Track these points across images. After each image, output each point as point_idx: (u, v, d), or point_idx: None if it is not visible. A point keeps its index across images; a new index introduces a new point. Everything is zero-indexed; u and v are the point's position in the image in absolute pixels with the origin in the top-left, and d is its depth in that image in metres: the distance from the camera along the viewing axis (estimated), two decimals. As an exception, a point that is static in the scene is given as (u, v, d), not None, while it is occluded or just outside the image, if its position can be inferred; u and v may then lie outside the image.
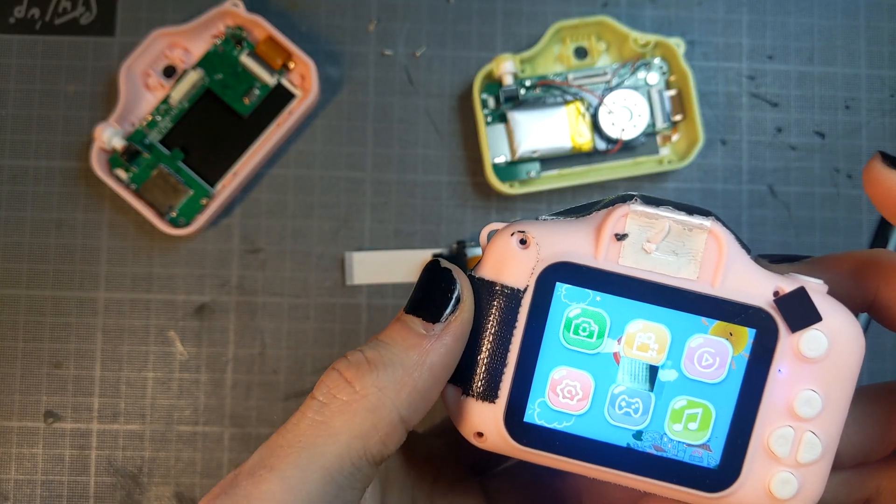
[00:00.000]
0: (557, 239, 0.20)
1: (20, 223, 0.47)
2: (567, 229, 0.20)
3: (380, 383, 0.19)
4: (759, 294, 0.20)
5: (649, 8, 0.49)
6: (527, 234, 0.20)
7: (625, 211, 0.19)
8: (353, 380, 0.19)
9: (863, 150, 0.49)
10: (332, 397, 0.19)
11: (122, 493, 0.46)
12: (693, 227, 0.19)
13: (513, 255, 0.20)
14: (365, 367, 0.19)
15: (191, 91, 0.47)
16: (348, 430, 0.19)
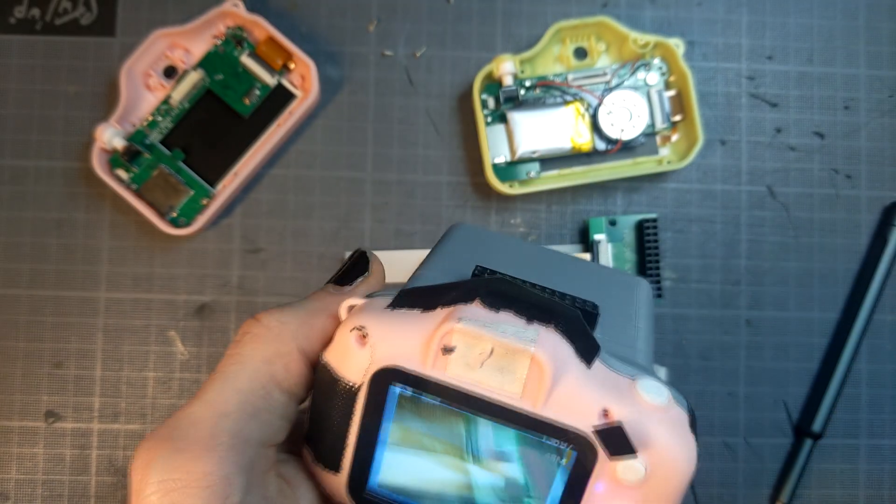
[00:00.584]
0: (393, 340, 0.20)
1: (21, 223, 0.48)
2: (404, 330, 0.21)
3: (284, 318, 0.22)
4: (585, 414, 0.19)
5: (649, 8, 0.49)
6: (365, 331, 0.21)
7: (450, 327, 0.19)
8: (261, 318, 0.23)
9: (862, 150, 0.49)
10: (244, 333, 0.22)
11: (123, 492, 0.46)
12: (516, 350, 0.19)
13: (350, 351, 0.21)
14: (274, 310, 0.23)
15: (191, 91, 0.47)
16: (255, 356, 0.22)
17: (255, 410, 0.21)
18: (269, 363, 0.22)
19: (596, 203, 0.48)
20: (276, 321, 0.22)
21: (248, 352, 0.22)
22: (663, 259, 0.48)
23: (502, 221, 0.48)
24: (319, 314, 0.23)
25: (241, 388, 0.21)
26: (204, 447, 0.20)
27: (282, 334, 0.22)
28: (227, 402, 0.21)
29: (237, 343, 0.22)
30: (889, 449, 0.48)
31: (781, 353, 0.48)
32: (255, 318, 0.23)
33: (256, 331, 0.22)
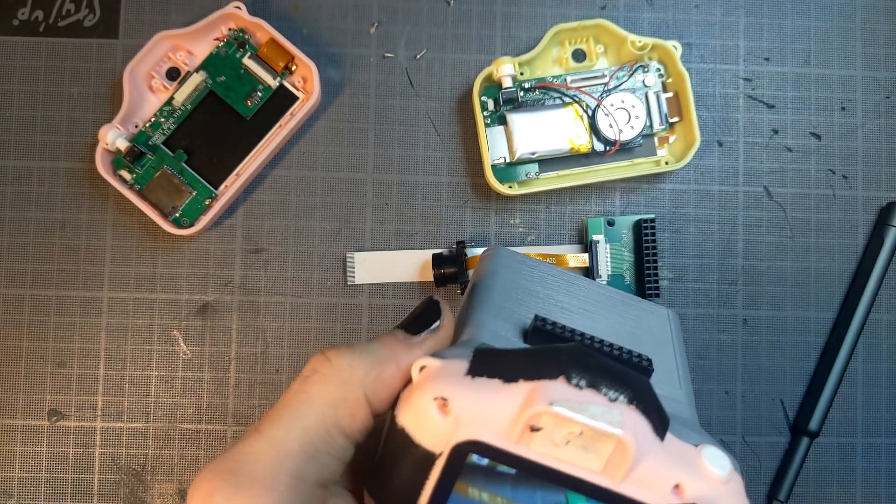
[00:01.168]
0: (477, 414, 0.20)
1: (25, 223, 0.48)
2: (488, 404, 0.20)
3: (353, 363, 0.22)
4: (660, 489, 0.20)
5: (647, 11, 0.50)
6: (447, 402, 0.21)
7: (541, 410, 0.20)
8: (331, 357, 0.23)
9: (859, 151, 0.50)
10: (313, 371, 0.22)
11: (126, 490, 0.47)
12: (604, 434, 0.20)
13: (431, 420, 0.21)
14: (345, 350, 0.23)
15: (194, 93, 0.47)
16: (323, 398, 0.22)
17: (316, 452, 0.21)
18: (334, 407, 0.22)
19: (594, 203, 0.49)
20: (347, 364, 0.22)
21: (316, 392, 0.22)
22: (661, 259, 0.48)
23: (501, 222, 0.49)
24: (388, 363, 0.23)
25: (306, 428, 0.21)
26: (265, 486, 0.20)
27: (350, 379, 0.22)
28: (290, 442, 0.21)
29: (305, 380, 0.22)
30: (885, 447, 0.48)
31: (778, 353, 0.48)
32: (325, 355, 0.23)
33: (325, 371, 0.22)
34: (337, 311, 0.48)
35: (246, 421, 0.47)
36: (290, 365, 0.47)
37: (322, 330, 0.48)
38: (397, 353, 0.23)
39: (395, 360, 0.23)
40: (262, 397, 0.47)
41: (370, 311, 0.48)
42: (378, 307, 0.48)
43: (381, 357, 0.23)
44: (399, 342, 0.24)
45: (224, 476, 0.20)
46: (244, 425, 0.47)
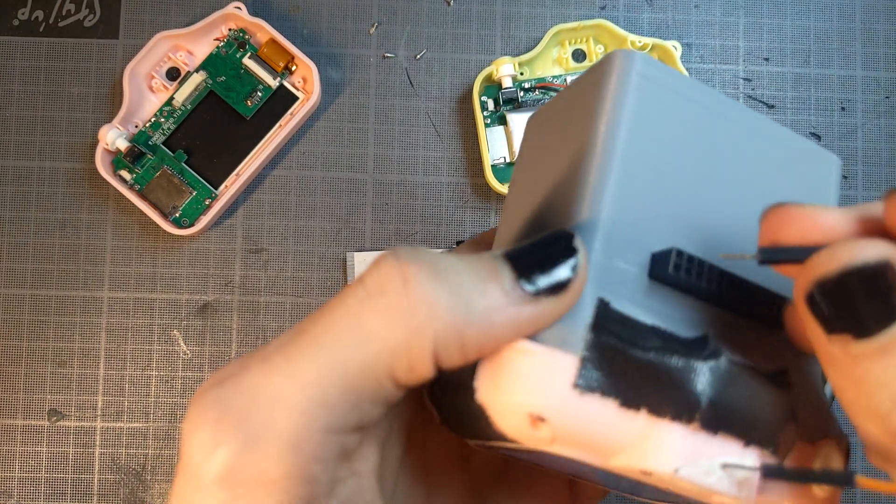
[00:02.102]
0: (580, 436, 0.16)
1: (25, 223, 0.48)
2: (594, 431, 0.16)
3: (435, 302, 0.16)
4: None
5: (647, 11, 0.50)
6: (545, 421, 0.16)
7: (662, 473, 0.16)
8: (410, 279, 0.16)
9: (858, 151, 0.50)
10: (379, 289, 0.16)
11: (126, 490, 0.47)
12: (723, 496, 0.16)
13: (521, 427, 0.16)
14: (429, 273, 0.16)
15: (194, 93, 0.47)
16: (381, 339, 0.16)
17: (359, 401, 0.16)
18: (394, 355, 0.16)
19: (594, 204, 0.49)
20: (426, 303, 0.16)
21: (376, 329, 0.16)
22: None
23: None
24: (478, 321, 0.16)
25: (351, 374, 0.16)
26: (289, 445, 0.15)
27: (425, 324, 0.16)
28: (328, 389, 0.16)
29: (364, 300, 0.16)
30: (885, 447, 0.48)
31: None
32: (402, 273, 0.16)
33: (397, 301, 0.16)
34: (337, 311, 0.48)
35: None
36: (290, 365, 0.47)
37: (322, 330, 0.48)
38: (495, 307, 0.16)
39: (488, 318, 0.16)
40: (262, 397, 0.47)
41: (370, 311, 0.48)
42: (378, 307, 0.48)
43: (472, 308, 0.16)
44: (502, 291, 0.16)
45: (234, 420, 0.15)
46: (244, 425, 0.47)
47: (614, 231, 0.17)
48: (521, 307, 0.16)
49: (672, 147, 0.18)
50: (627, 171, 0.17)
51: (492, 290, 0.16)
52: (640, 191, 0.17)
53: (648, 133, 0.18)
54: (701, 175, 0.18)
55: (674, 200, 0.18)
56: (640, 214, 0.17)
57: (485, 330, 0.16)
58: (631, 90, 0.17)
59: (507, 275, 0.16)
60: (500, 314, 0.16)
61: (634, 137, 0.17)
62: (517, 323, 0.16)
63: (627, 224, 0.17)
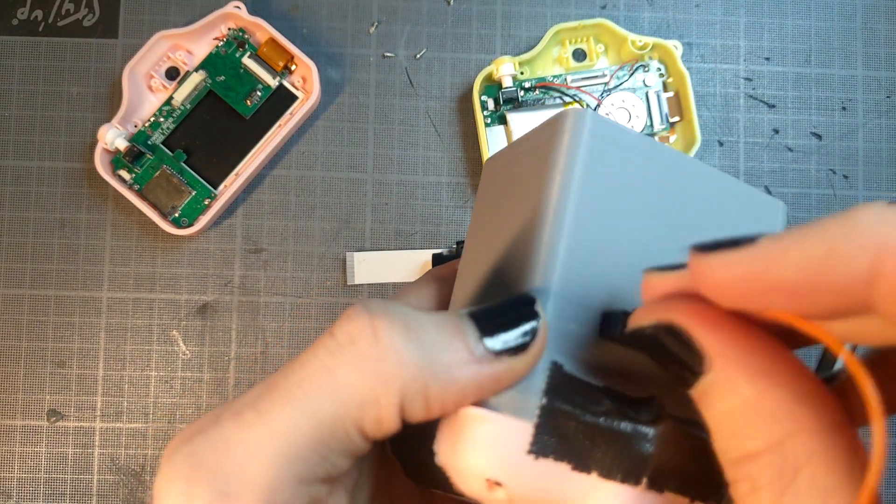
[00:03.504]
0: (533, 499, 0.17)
1: (24, 223, 0.48)
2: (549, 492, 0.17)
3: (402, 355, 0.16)
4: None
5: (647, 10, 0.50)
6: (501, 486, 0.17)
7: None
8: (380, 332, 0.16)
9: (859, 151, 0.50)
10: (350, 341, 0.16)
11: (125, 490, 0.46)
12: None
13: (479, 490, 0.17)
14: (398, 328, 0.17)
15: (193, 93, 0.47)
16: (351, 391, 0.16)
17: (329, 453, 0.16)
18: (363, 408, 0.16)
19: (595, 203, 0.49)
20: (395, 353, 0.16)
21: (346, 379, 0.16)
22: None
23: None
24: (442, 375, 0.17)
25: (321, 425, 0.16)
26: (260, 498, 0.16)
27: (393, 376, 0.16)
28: (298, 440, 0.16)
29: (335, 352, 0.16)
30: (886, 448, 0.48)
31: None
32: (372, 324, 0.16)
33: (367, 350, 0.16)
34: (337, 311, 0.48)
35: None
36: (289, 365, 0.47)
37: (322, 330, 0.47)
38: (458, 363, 0.17)
39: (451, 374, 0.17)
40: (261, 397, 0.47)
41: (370, 312, 0.48)
42: (378, 307, 0.48)
43: (437, 362, 0.16)
44: (466, 348, 0.17)
45: (206, 474, 0.16)
46: (244, 426, 0.47)
47: (566, 294, 0.18)
48: (483, 365, 0.17)
49: (621, 203, 0.19)
50: (578, 233, 0.18)
51: (456, 347, 0.17)
52: (591, 251, 0.18)
53: (599, 192, 0.18)
54: (650, 229, 0.19)
55: (624, 255, 0.18)
56: (592, 274, 0.18)
57: (448, 385, 0.17)
58: (582, 149, 0.18)
59: (471, 333, 0.17)
60: (462, 371, 0.17)
61: (585, 199, 0.18)
62: (479, 380, 0.17)
63: (578, 286, 0.18)
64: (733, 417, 0.14)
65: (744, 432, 0.14)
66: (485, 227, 0.21)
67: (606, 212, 0.18)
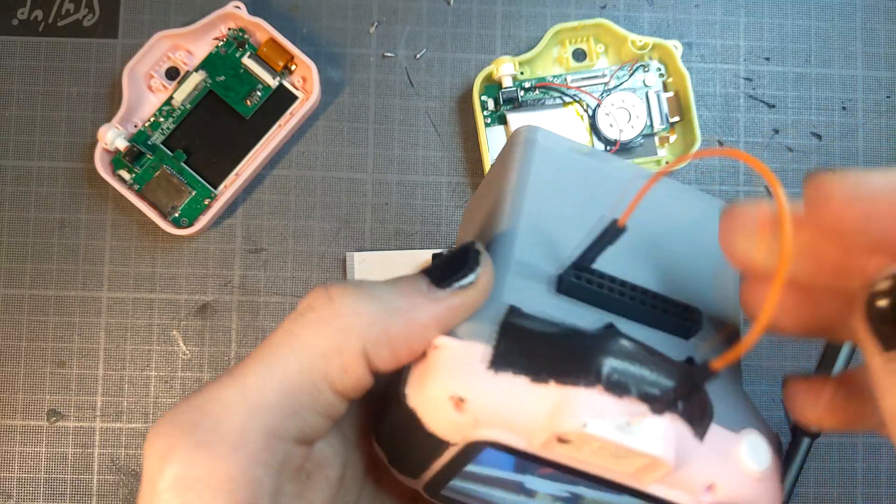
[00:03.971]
0: (497, 414, 0.18)
1: (24, 223, 0.48)
2: (511, 407, 0.18)
3: (358, 308, 0.18)
4: (692, 489, 0.19)
5: (647, 10, 0.50)
6: (465, 402, 0.18)
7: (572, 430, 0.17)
8: (334, 295, 0.19)
9: (859, 151, 0.50)
10: (309, 309, 0.19)
11: (125, 490, 0.46)
12: (640, 454, 0.17)
13: (446, 414, 0.18)
14: (351, 289, 0.19)
15: (193, 93, 0.47)
16: (313, 345, 0.18)
17: (299, 407, 0.18)
18: (325, 358, 0.18)
19: (595, 203, 0.49)
20: (350, 308, 0.18)
21: (307, 337, 0.18)
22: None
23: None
24: (399, 317, 0.19)
25: (289, 379, 0.18)
26: (232, 445, 0.17)
27: (351, 327, 0.18)
28: (267, 394, 0.18)
29: (297, 319, 0.19)
30: (886, 447, 0.48)
31: (778, 353, 0.48)
32: (327, 292, 0.19)
33: (323, 312, 0.18)
34: (337, 312, 0.48)
35: (245, 421, 0.47)
36: (289, 365, 0.47)
37: (322, 330, 0.48)
38: (414, 305, 0.19)
39: (409, 314, 0.19)
40: (261, 397, 0.47)
41: (370, 312, 0.48)
42: (378, 307, 0.48)
43: (394, 308, 0.19)
44: (420, 293, 0.19)
45: (184, 429, 0.17)
46: (244, 426, 0.47)
47: (526, 247, 0.21)
48: (438, 302, 0.19)
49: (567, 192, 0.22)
50: (535, 202, 0.22)
51: (410, 293, 0.19)
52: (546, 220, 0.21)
53: (548, 182, 0.22)
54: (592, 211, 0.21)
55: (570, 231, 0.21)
56: (547, 241, 0.21)
57: (408, 324, 0.19)
58: (536, 152, 0.22)
59: (423, 281, 0.19)
60: (419, 309, 0.19)
61: (537, 183, 0.22)
62: (436, 314, 0.19)
63: (536, 245, 0.21)
64: None
65: None
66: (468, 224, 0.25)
67: (555, 196, 0.22)
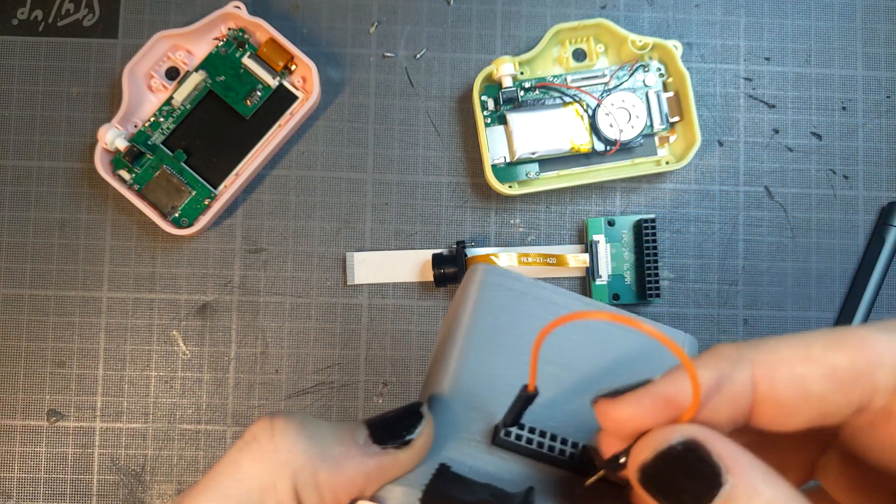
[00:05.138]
0: None
1: (24, 223, 0.48)
2: None
3: (295, 448, 0.20)
4: None
5: (647, 10, 0.50)
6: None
7: None
8: (276, 430, 0.20)
9: (859, 151, 0.50)
10: (253, 439, 0.20)
11: (125, 490, 0.46)
12: None
13: None
14: (293, 426, 0.20)
15: (193, 93, 0.47)
16: (251, 478, 0.20)
17: None
18: (262, 493, 0.19)
19: (594, 203, 0.49)
20: (287, 446, 0.20)
21: (247, 469, 0.20)
22: (661, 259, 0.48)
23: (501, 222, 0.48)
24: (329, 464, 0.20)
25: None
26: None
27: (284, 465, 0.19)
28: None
29: (242, 448, 0.20)
30: None
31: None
32: (271, 424, 0.20)
33: (263, 444, 0.20)
34: (336, 311, 0.48)
35: (245, 421, 0.47)
36: (289, 365, 0.47)
37: (321, 330, 0.48)
38: (348, 455, 0.20)
39: (340, 463, 0.20)
40: (261, 397, 0.47)
41: (370, 311, 0.48)
42: (378, 307, 0.48)
43: (327, 454, 0.20)
44: (355, 444, 0.20)
45: None
46: (243, 425, 0.47)
47: (464, 403, 0.22)
48: (370, 457, 0.20)
49: (511, 329, 0.23)
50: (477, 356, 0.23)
51: (346, 441, 0.20)
52: (489, 369, 0.23)
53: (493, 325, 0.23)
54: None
55: (515, 373, 0.22)
56: (488, 389, 0.22)
57: (336, 472, 0.19)
58: (485, 294, 0.24)
59: (362, 433, 0.20)
60: (350, 461, 0.20)
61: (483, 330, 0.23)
62: (365, 469, 0.20)
63: (476, 397, 0.22)
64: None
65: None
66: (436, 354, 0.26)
67: (499, 336, 0.23)
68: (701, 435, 0.17)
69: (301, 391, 0.47)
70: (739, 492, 0.16)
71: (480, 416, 0.22)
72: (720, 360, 0.18)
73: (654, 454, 0.17)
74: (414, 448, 0.20)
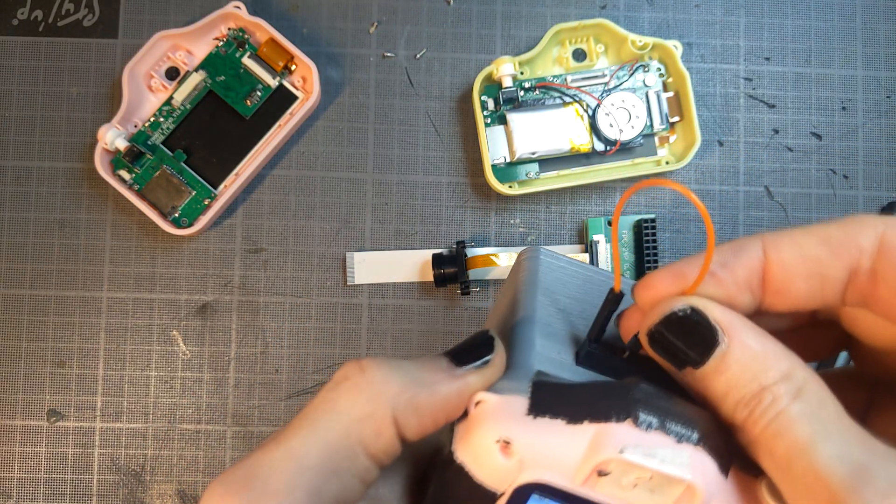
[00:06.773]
0: (542, 456, 0.20)
1: (24, 224, 0.48)
2: (553, 446, 0.20)
3: (388, 378, 0.21)
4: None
5: (647, 10, 0.50)
6: (511, 444, 0.20)
7: (610, 457, 0.19)
8: (366, 367, 0.21)
9: (859, 151, 0.50)
10: (344, 378, 0.21)
11: (125, 490, 0.46)
12: (673, 479, 0.19)
13: (494, 460, 0.20)
14: (381, 361, 0.21)
15: (193, 93, 0.47)
16: (349, 411, 0.20)
17: (337, 469, 0.20)
18: (360, 423, 0.20)
19: (594, 203, 0.49)
20: (380, 378, 0.21)
21: (343, 403, 0.20)
22: (661, 259, 0.48)
23: (502, 222, 0.48)
24: (424, 388, 0.21)
25: (329, 442, 0.20)
26: (278, 501, 0.19)
27: (381, 394, 0.21)
28: (310, 455, 0.20)
29: (334, 388, 0.21)
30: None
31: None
32: (359, 364, 0.21)
33: (357, 380, 0.21)
34: (336, 311, 0.48)
35: (245, 421, 0.47)
36: (289, 365, 0.47)
37: (322, 330, 0.48)
38: (437, 379, 0.21)
39: (432, 386, 0.21)
40: (261, 397, 0.47)
41: (370, 311, 0.48)
42: (378, 307, 0.48)
43: (418, 379, 0.21)
44: (441, 370, 0.22)
45: (236, 488, 0.19)
46: (243, 426, 0.47)
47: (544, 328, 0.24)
48: (457, 378, 0.21)
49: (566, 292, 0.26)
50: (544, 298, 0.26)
51: (433, 369, 0.22)
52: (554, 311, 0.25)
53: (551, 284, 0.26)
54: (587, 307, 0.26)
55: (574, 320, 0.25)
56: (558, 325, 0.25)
57: (432, 394, 0.21)
58: (541, 265, 0.27)
59: (444, 360, 0.22)
60: (442, 384, 0.21)
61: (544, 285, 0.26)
62: (457, 388, 0.21)
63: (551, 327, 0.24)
64: (748, 366, 0.19)
65: (760, 373, 0.19)
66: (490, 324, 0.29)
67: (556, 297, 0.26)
68: (700, 303, 0.20)
69: (301, 391, 0.47)
70: (734, 349, 0.19)
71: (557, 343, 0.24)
72: (736, 240, 0.21)
73: (659, 319, 0.20)
74: (494, 366, 0.22)
